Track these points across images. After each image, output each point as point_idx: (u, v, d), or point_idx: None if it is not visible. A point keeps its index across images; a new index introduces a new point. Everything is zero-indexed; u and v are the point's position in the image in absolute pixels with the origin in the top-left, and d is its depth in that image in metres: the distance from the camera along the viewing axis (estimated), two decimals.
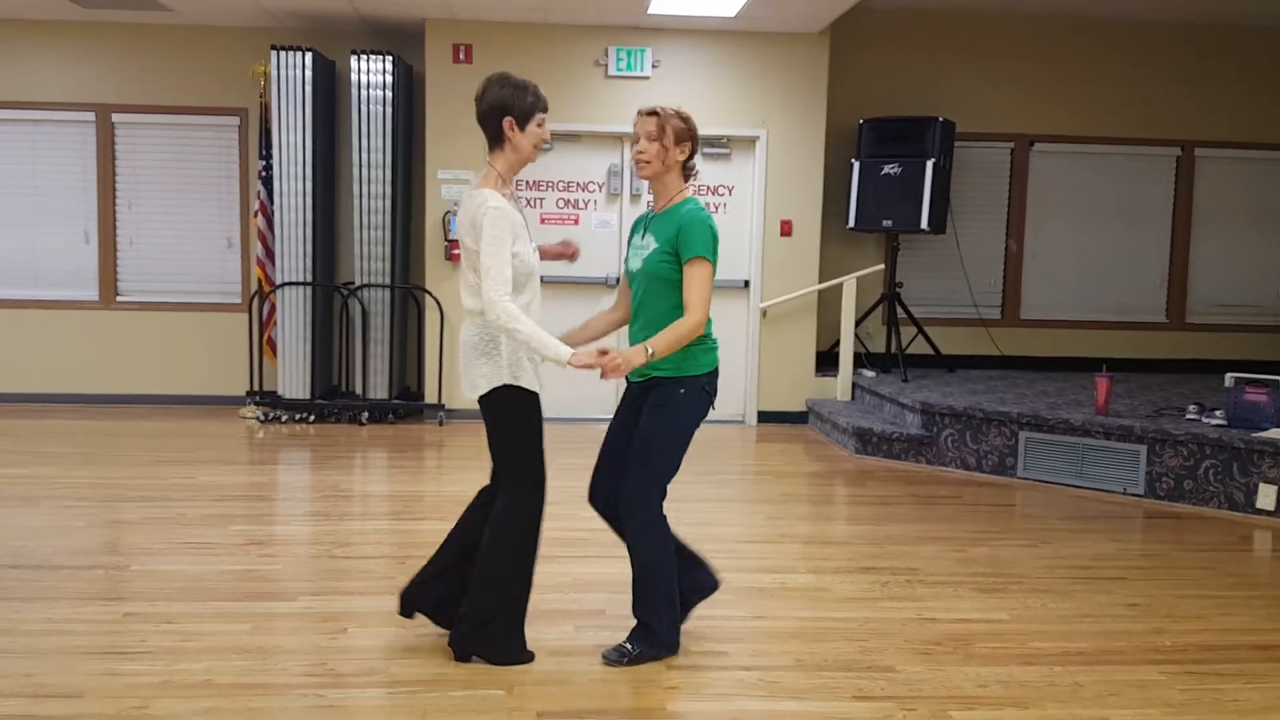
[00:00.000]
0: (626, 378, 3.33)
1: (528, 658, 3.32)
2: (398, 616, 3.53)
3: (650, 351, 3.12)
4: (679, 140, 3.25)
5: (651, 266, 3.26)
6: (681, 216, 3.23)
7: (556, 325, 3.33)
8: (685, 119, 3.28)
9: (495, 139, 3.20)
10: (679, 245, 3.20)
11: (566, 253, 3.60)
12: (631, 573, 3.35)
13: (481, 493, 3.40)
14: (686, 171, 3.34)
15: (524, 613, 3.34)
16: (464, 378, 3.27)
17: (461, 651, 3.31)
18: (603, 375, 3.09)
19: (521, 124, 3.17)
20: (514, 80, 3.18)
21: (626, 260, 3.43)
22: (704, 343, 3.28)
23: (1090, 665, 3.42)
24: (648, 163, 3.26)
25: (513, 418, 3.22)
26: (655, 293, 3.27)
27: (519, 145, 3.19)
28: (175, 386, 8.01)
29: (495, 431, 3.26)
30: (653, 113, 3.25)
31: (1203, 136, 8.38)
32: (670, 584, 3.35)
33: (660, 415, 3.27)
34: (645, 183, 7.58)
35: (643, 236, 3.34)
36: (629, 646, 3.35)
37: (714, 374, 3.34)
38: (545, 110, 3.22)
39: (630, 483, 3.29)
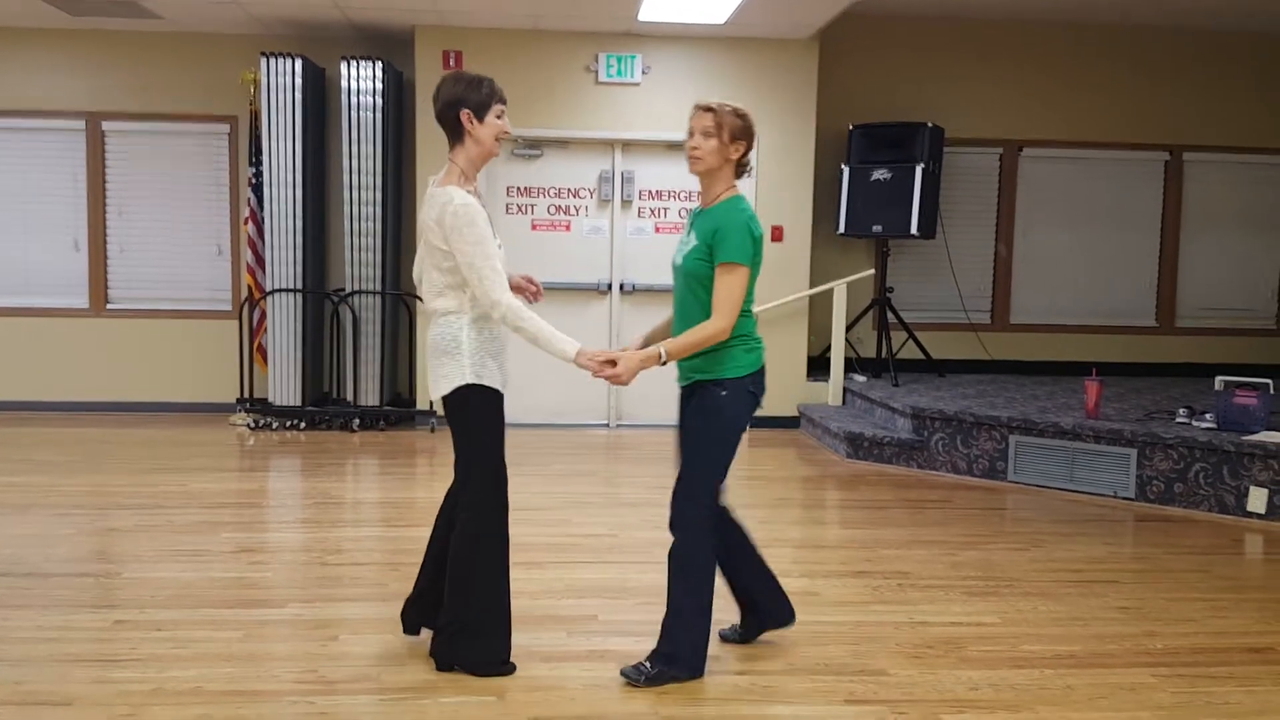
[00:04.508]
0: (676, 381, 3.32)
1: (509, 670, 3.27)
2: (389, 623, 3.57)
3: (664, 355, 3.08)
4: (735, 138, 3.16)
5: (690, 265, 3.19)
6: (721, 216, 3.14)
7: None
8: (742, 115, 3.18)
9: (455, 134, 3.17)
10: (715, 246, 3.11)
11: (528, 289, 3.48)
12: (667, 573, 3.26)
13: (448, 496, 3.37)
14: (740, 169, 3.25)
15: (504, 620, 3.29)
16: (429, 377, 3.25)
17: (442, 661, 3.29)
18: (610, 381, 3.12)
19: (480, 115, 3.14)
20: (468, 76, 3.17)
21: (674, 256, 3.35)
22: (745, 343, 3.20)
23: (1081, 668, 3.43)
24: (700, 159, 3.17)
25: (474, 417, 3.19)
26: (691, 291, 3.20)
27: (480, 137, 3.15)
28: (166, 394, 7.99)
29: (457, 431, 3.23)
30: (708, 109, 3.16)
31: (1191, 140, 8.42)
32: (704, 596, 3.22)
33: (703, 416, 3.22)
34: (637, 189, 7.71)
35: (688, 233, 3.25)
36: (647, 665, 3.23)
37: (759, 374, 3.24)
38: (503, 102, 3.18)
39: (677, 483, 3.25)
